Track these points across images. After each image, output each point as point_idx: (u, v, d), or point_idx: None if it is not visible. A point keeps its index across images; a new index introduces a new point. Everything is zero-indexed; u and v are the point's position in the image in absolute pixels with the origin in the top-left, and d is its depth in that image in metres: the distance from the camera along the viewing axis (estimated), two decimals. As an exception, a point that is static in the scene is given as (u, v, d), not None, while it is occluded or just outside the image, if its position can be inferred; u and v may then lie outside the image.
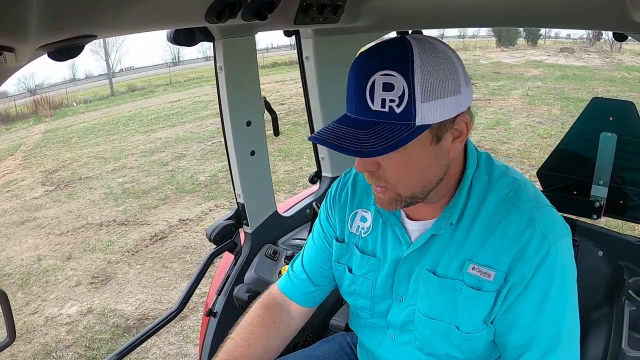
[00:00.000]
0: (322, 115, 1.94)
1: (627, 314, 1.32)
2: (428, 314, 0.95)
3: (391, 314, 1.01)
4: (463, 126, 0.83)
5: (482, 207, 0.90)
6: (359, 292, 1.04)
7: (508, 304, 0.89)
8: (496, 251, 0.87)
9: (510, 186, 0.91)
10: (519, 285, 0.87)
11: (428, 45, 0.79)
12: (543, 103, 11.58)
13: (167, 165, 8.66)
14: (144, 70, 37.31)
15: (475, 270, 0.89)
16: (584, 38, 34.26)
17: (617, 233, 1.56)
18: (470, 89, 0.84)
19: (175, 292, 4.13)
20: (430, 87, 0.77)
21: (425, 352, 0.99)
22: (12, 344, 1.05)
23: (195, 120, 13.07)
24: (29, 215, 6.82)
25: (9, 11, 0.57)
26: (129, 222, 5.98)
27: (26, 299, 4.32)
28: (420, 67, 0.76)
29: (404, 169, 0.83)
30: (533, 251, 0.85)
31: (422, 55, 0.77)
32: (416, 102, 0.76)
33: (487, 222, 0.89)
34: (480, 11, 1.42)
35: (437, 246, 0.93)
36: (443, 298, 0.92)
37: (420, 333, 0.97)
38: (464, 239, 0.90)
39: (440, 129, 0.81)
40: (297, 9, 1.24)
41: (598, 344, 1.45)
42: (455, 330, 0.92)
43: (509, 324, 0.90)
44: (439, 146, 0.82)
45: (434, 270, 0.93)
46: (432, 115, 0.78)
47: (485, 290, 0.88)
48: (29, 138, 14.45)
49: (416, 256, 0.95)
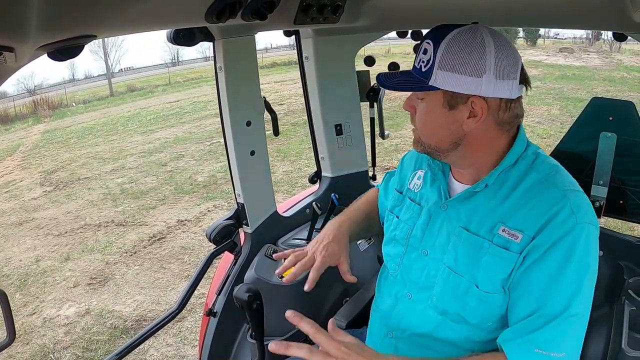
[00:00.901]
0: (322, 115, 1.93)
1: (627, 314, 1.32)
2: (454, 268, 1.03)
3: (414, 268, 1.11)
4: (479, 109, 0.96)
5: (523, 181, 1.00)
6: (398, 238, 1.17)
7: (525, 267, 0.95)
8: (527, 218, 0.96)
9: (551, 169, 1.01)
10: (539, 249, 0.94)
11: (472, 31, 0.95)
12: (542, 103, 11.59)
13: (166, 166, 8.65)
14: (143, 71, 37.28)
15: (505, 232, 0.98)
16: (583, 38, 34.33)
17: (617, 233, 1.56)
18: (502, 84, 0.95)
19: (174, 293, 4.12)
20: (449, 61, 0.94)
21: (439, 311, 1.05)
22: (12, 344, 1.04)
23: (194, 121, 13.06)
24: (28, 215, 6.81)
25: (9, 11, 0.57)
26: (127, 223, 5.97)
27: (24, 300, 4.31)
28: (447, 43, 0.94)
29: (423, 119, 1.03)
30: (559, 222, 0.93)
31: (456, 35, 0.94)
32: (434, 67, 0.95)
33: (524, 193, 0.99)
34: (480, 11, 1.42)
35: (473, 206, 1.03)
36: (470, 255, 1.01)
37: (439, 288, 1.05)
38: (499, 205, 1.00)
39: (452, 99, 0.96)
40: (297, 9, 1.24)
41: (598, 344, 1.45)
42: (474, 288, 0.99)
43: (521, 292, 0.96)
44: (452, 114, 0.98)
45: (468, 227, 1.02)
46: (443, 82, 0.95)
47: (511, 251, 0.96)
48: (27, 138, 14.44)
49: (451, 212, 1.06)
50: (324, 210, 1.88)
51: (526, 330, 0.93)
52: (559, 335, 0.91)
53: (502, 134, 1.02)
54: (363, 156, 2.09)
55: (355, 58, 1.96)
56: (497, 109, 0.97)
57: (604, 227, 1.59)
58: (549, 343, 0.91)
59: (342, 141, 2.00)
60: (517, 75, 0.97)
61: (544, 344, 0.91)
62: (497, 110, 0.98)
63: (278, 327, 1.63)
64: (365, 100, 2.03)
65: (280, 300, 1.63)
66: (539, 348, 0.91)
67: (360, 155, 2.08)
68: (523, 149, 1.04)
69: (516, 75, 0.96)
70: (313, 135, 2.01)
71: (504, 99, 0.97)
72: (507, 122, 1.00)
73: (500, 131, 1.01)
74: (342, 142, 2.00)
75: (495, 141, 1.02)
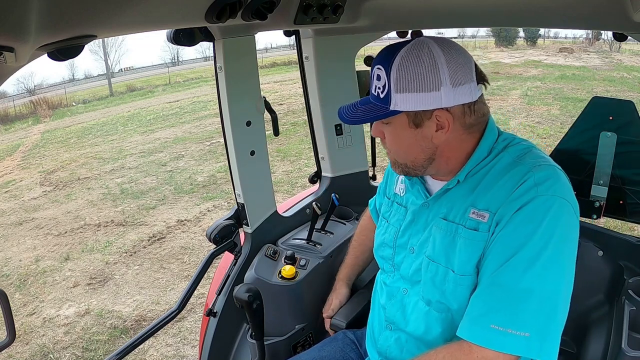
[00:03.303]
0: (322, 115, 1.93)
1: (627, 313, 1.32)
2: (431, 257, 1.07)
3: (404, 266, 1.15)
4: (444, 120, 0.98)
5: (494, 166, 1.03)
6: (387, 242, 1.22)
7: (490, 243, 0.97)
8: (494, 197, 0.99)
9: (522, 151, 1.03)
10: (501, 223, 0.95)
11: (418, 46, 0.95)
12: (542, 103, 11.59)
13: (166, 166, 8.65)
14: (143, 71, 37.27)
15: (475, 214, 1.01)
16: (583, 38, 34.32)
17: (617, 233, 1.56)
18: (460, 90, 0.96)
19: (174, 293, 4.12)
20: (403, 82, 0.95)
21: (425, 301, 1.09)
22: (12, 343, 1.04)
23: (193, 121, 13.06)
24: (27, 215, 6.81)
25: (9, 11, 0.57)
26: (127, 223, 5.97)
27: (24, 300, 4.31)
28: (398, 66, 0.95)
29: (393, 142, 1.06)
30: (520, 193, 0.95)
31: (404, 55, 0.95)
32: (391, 91, 0.97)
33: (494, 176, 1.01)
34: (480, 11, 1.42)
35: (450, 198, 1.07)
36: (445, 242, 1.04)
37: (423, 279, 1.08)
38: (472, 191, 1.03)
39: (417, 117, 0.99)
40: (297, 9, 1.24)
41: (598, 344, 1.45)
42: (450, 273, 1.02)
43: (482, 267, 0.97)
44: (420, 131, 1.00)
45: (446, 217, 1.06)
46: (404, 104, 0.96)
47: (480, 231, 0.99)
48: (27, 138, 14.44)
49: (432, 207, 1.10)
50: (324, 210, 1.88)
51: (481, 306, 0.93)
52: (515, 311, 0.89)
53: (472, 134, 1.04)
54: (363, 156, 2.09)
55: (355, 58, 1.96)
56: (462, 115, 0.99)
57: (603, 227, 1.60)
58: (505, 319, 0.89)
59: (342, 141, 2.00)
60: (473, 76, 0.97)
61: (500, 320, 0.89)
62: (462, 116, 0.99)
63: (278, 327, 1.64)
64: (365, 100, 2.03)
65: (280, 300, 1.63)
66: (495, 323, 0.90)
67: (360, 155, 2.08)
68: (494, 140, 1.05)
69: (472, 77, 0.97)
70: (313, 135, 2.01)
71: (466, 104, 0.98)
72: (474, 123, 1.02)
73: (470, 133, 1.03)
74: (342, 142, 2.01)
75: (466, 144, 1.04)
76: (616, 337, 1.32)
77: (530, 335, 0.88)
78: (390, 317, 1.18)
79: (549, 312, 0.89)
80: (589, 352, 1.44)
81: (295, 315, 1.66)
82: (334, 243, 1.82)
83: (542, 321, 0.89)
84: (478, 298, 0.96)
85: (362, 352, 1.36)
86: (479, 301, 0.95)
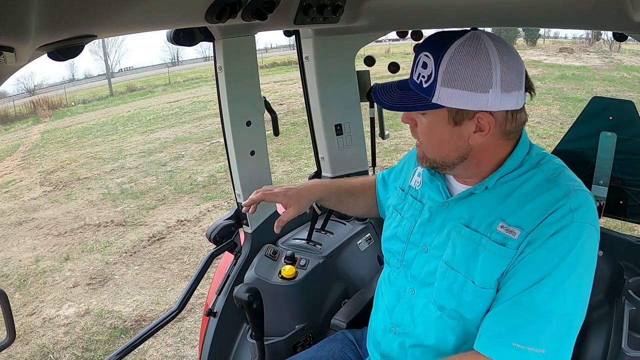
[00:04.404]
0: (322, 115, 1.93)
1: (627, 313, 1.32)
2: (450, 263, 1.03)
3: (415, 265, 1.11)
4: (485, 124, 0.94)
5: (527, 182, 0.99)
6: (399, 235, 1.17)
7: (518, 262, 0.94)
8: (528, 216, 0.95)
9: (556, 170, 1.01)
10: (533, 244, 0.93)
11: (475, 42, 0.91)
12: (542, 103, 11.59)
13: (166, 166, 8.65)
14: (143, 71, 37.28)
15: (504, 228, 0.97)
16: (583, 38, 34.33)
17: (617, 233, 1.56)
18: (508, 96, 0.92)
19: (173, 293, 4.12)
20: (452, 77, 0.90)
21: (437, 306, 1.06)
22: (12, 343, 1.04)
23: (193, 121, 13.06)
24: (27, 215, 6.81)
25: (9, 11, 0.57)
26: (127, 223, 5.97)
27: (24, 300, 4.31)
28: (450, 58, 0.90)
29: (427, 134, 1.01)
30: (556, 218, 0.92)
31: (459, 48, 0.90)
32: (437, 83, 0.92)
33: (527, 192, 0.98)
34: (480, 11, 1.42)
35: (475, 204, 1.03)
36: (467, 251, 1.00)
37: (438, 284, 1.05)
38: (501, 202, 1.00)
39: (457, 115, 0.94)
40: (297, 9, 1.24)
41: (598, 344, 1.45)
42: (470, 284, 0.99)
43: (508, 282, 0.95)
44: (458, 129, 0.96)
45: (469, 224, 1.02)
46: (448, 100, 0.92)
47: (508, 247, 0.95)
48: (27, 138, 14.43)
49: (452, 209, 1.06)
50: (324, 210, 1.88)
51: (505, 324, 0.93)
52: (536, 331, 0.90)
53: (508, 142, 1.01)
54: (363, 156, 2.09)
55: (355, 58, 1.96)
56: (503, 121, 0.96)
57: (604, 227, 1.60)
58: (527, 338, 0.90)
59: (342, 141, 2.00)
60: (522, 84, 0.95)
61: (522, 339, 0.90)
62: (504, 122, 0.96)
63: (278, 327, 1.64)
64: (365, 100, 2.03)
65: (280, 300, 1.63)
66: (517, 342, 0.90)
67: (360, 155, 2.08)
68: (526, 151, 1.03)
69: (521, 85, 0.95)
70: (313, 135, 2.01)
71: (509, 110, 0.95)
72: (512, 131, 0.99)
73: (507, 140, 1.00)
74: (342, 142, 2.00)
75: (502, 150, 1.02)
76: (616, 337, 1.32)
77: (546, 352, 0.90)
78: (396, 320, 1.14)
79: (566, 331, 0.91)
80: (589, 352, 1.44)
81: (295, 315, 1.66)
82: (334, 243, 1.82)
83: (559, 339, 0.91)
84: (500, 316, 0.95)
85: (362, 353, 1.36)
86: (501, 319, 0.94)
